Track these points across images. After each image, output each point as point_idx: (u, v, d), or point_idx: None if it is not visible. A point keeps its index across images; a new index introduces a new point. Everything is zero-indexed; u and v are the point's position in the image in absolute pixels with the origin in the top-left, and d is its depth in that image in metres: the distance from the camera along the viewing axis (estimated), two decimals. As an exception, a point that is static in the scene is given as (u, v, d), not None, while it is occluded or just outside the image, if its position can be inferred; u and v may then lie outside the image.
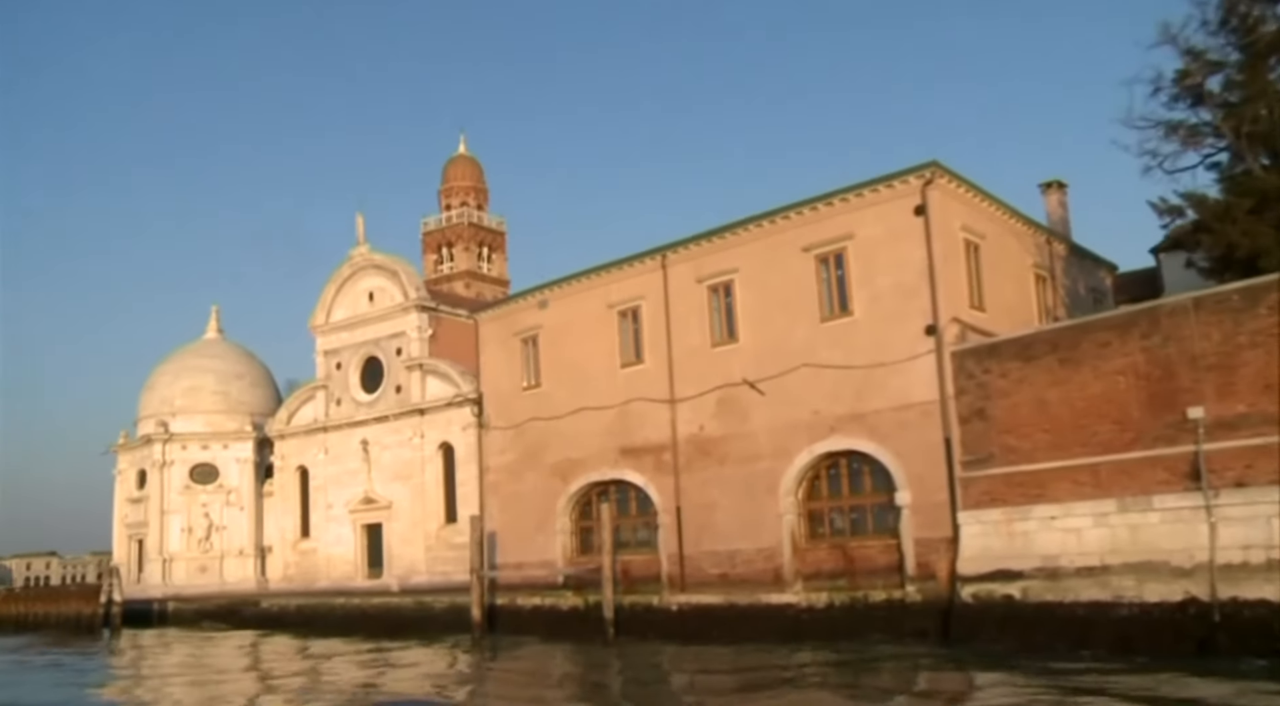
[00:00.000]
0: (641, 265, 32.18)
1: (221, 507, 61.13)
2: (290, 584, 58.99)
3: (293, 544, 60.75)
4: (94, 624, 46.68)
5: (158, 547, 59.90)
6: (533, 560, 34.13)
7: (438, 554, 54.29)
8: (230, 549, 60.86)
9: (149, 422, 62.54)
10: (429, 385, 55.92)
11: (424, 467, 55.47)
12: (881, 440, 26.30)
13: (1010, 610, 22.94)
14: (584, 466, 33.10)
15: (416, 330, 56.76)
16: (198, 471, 61.40)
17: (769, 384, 28.60)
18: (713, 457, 29.72)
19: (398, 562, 55.92)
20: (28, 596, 53.17)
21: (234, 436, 62.10)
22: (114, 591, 46.76)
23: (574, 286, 34.07)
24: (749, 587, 28.32)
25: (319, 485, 59.70)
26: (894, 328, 26.46)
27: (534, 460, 34.65)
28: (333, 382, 60.13)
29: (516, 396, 35.52)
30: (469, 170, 77.20)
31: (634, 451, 31.69)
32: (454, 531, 54.01)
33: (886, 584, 25.83)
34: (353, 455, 58.29)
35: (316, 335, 61.24)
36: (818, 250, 28.17)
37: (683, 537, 30.14)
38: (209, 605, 48.65)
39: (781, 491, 28.17)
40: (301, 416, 61.45)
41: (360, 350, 59.21)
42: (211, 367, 63.79)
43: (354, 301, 60.21)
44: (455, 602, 36.27)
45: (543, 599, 33.29)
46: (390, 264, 58.97)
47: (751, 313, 29.49)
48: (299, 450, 61.08)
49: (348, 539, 58.12)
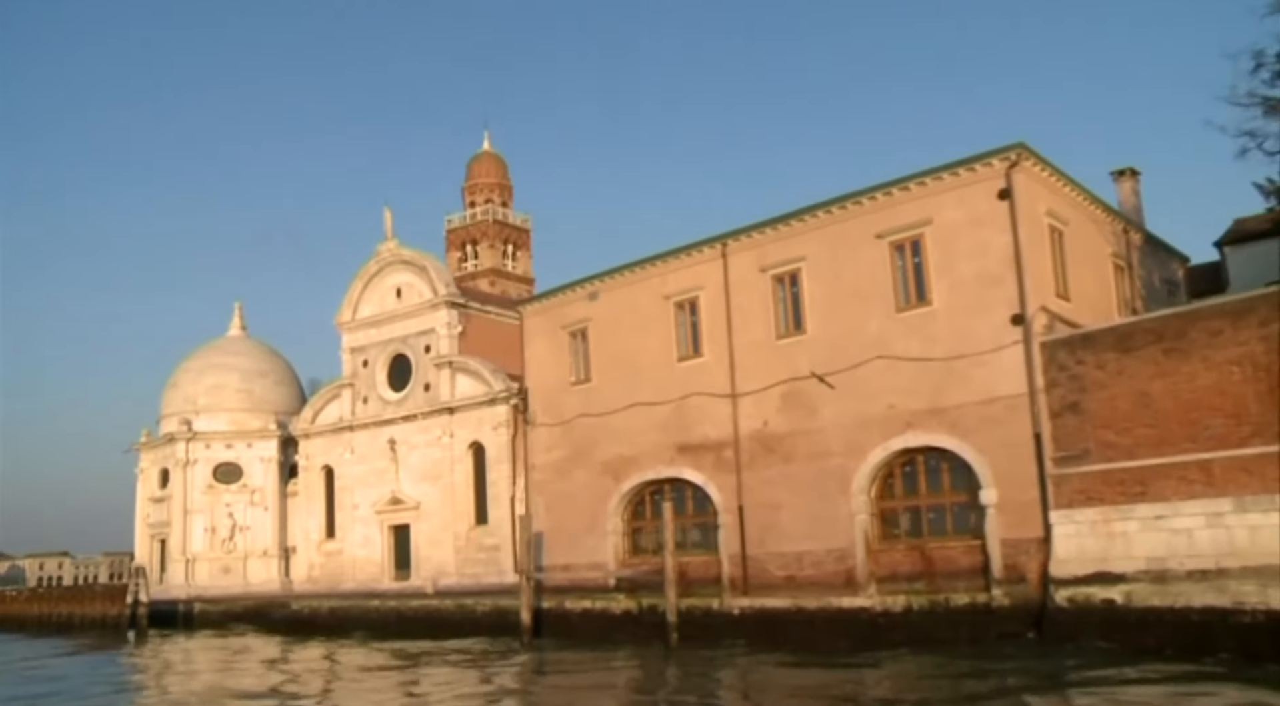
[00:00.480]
0: (700, 255, 30.77)
1: (245, 507, 59.69)
2: (315, 586, 57.56)
3: (317, 545, 59.32)
4: (119, 625, 45.27)
5: (180, 548, 58.45)
6: (582, 562, 32.70)
7: (468, 556, 52.85)
8: (254, 549, 59.38)
9: (172, 421, 61.16)
10: (459, 383, 54.49)
11: (453, 467, 54.02)
12: (963, 435, 24.86)
13: (1112, 614, 21.49)
14: (637, 464, 31.68)
15: (446, 327, 55.33)
16: (221, 470, 59.98)
17: (839, 377, 27.18)
18: (778, 455, 28.29)
19: (426, 564, 54.46)
20: (51, 596, 51.82)
21: (258, 435, 60.68)
22: (140, 592, 45.35)
23: (626, 277, 32.67)
24: (818, 591, 26.88)
25: (345, 485, 58.27)
26: (976, 317, 25.03)
27: (583, 458, 33.23)
28: (359, 380, 58.72)
29: (564, 392, 34.10)
30: (493, 167, 75.82)
31: (692, 448, 30.26)
32: (485, 533, 52.59)
33: (970, 587, 24.38)
34: (380, 454, 56.87)
35: (342, 332, 59.85)
36: (893, 237, 26.75)
37: (745, 538, 28.70)
38: (235, 607, 47.23)
39: (854, 489, 26.72)
40: (327, 415, 60.04)
41: (388, 347, 57.80)
42: (235, 365, 62.38)
43: (381, 298, 58.80)
44: (498, 605, 34.84)
45: (593, 602, 31.86)
46: (419, 259, 57.57)
47: (820, 303, 28.08)
48: (324, 449, 59.66)
49: (374, 540, 56.68)
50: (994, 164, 24.99)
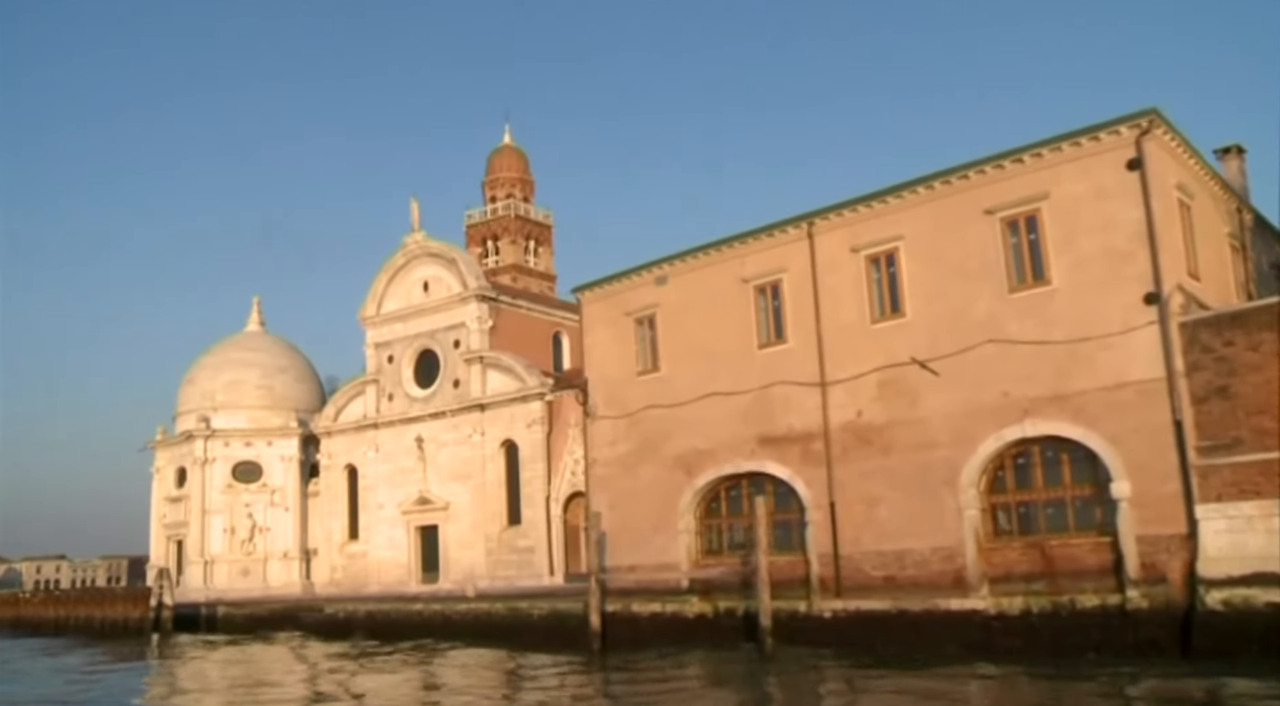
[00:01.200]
0: (783, 235, 28.63)
1: (265, 508, 57.38)
2: (338, 589, 55.21)
3: (340, 546, 56.97)
4: (142, 628, 42.80)
5: (198, 549, 56.07)
6: (649, 562, 30.45)
7: (500, 558, 50.60)
8: (274, 551, 57.05)
9: (189, 418, 58.75)
10: (490, 379, 52.28)
11: (484, 466, 51.79)
12: (1090, 424, 22.78)
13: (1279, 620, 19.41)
14: (712, 458, 29.48)
15: (476, 321, 53.14)
16: (240, 469, 57.63)
17: (944, 363, 25.08)
18: (875, 447, 26.14)
19: (455, 567, 52.21)
20: (69, 598, 49.16)
21: (278, 433, 58.34)
22: (164, 594, 42.90)
23: (699, 260, 30.51)
24: (922, 592, 24.74)
25: (369, 485, 55.97)
26: (1103, 297, 22.94)
27: (651, 452, 31.01)
28: (384, 377, 56.44)
29: (629, 382, 31.90)
30: (514, 161, 73.64)
31: (775, 441, 28.09)
32: (518, 534, 50.35)
33: (1099, 587, 22.26)
34: (406, 453, 54.59)
35: (366, 327, 57.58)
36: (1004, 212, 24.67)
37: (838, 536, 26.52)
38: (260, 610, 44.77)
39: (962, 483, 24.58)
40: (350, 412, 57.73)
41: (414, 342, 55.55)
42: (255, 361, 60.04)
43: (407, 292, 56.57)
44: (556, 609, 32.57)
45: (663, 605, 29.61)
46: (447, 251, 55.37)
47: (920, 284, 25.97)
48: (347, 448, 57.34)
49: (400, 541, 54.38)
50: (1122, 132, 22.94)
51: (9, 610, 54.23)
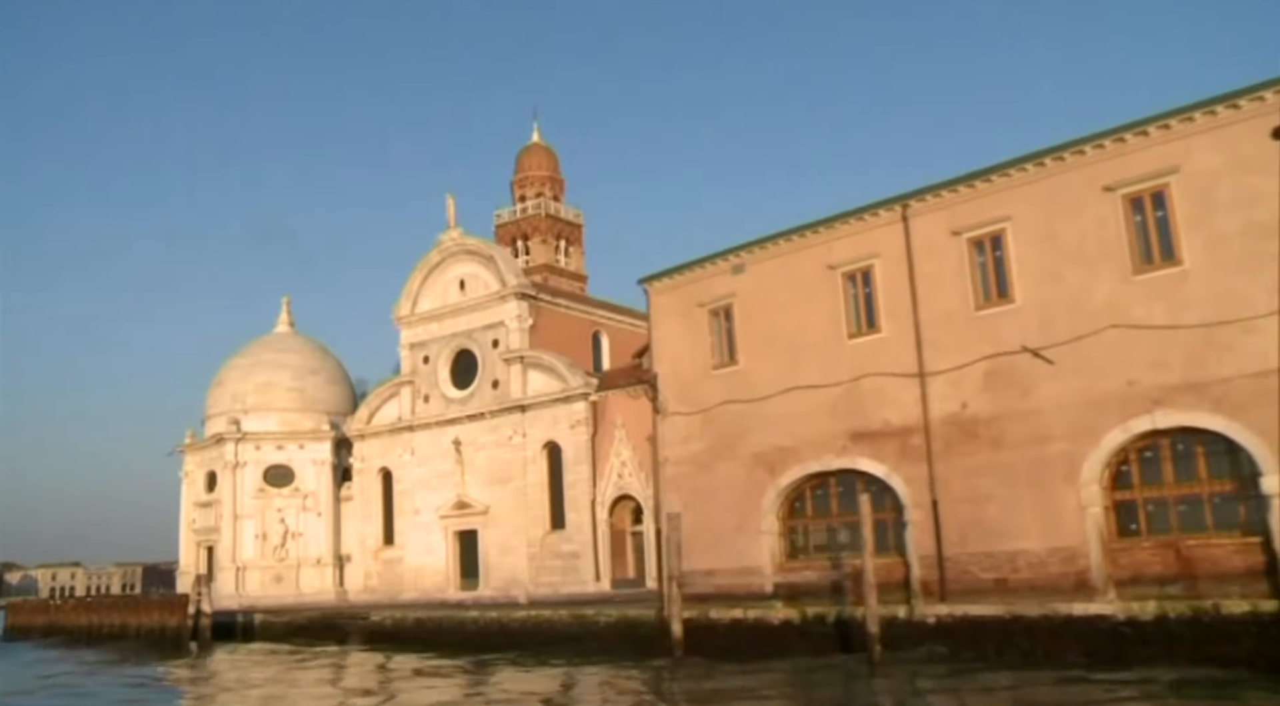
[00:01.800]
0: (873, 219, 26.77)
1: (297, 513, 55.42)
2: (372, 595, 53.28)
3: (374, 552, 55.04)
4: (180, 637, 40.86)
5: (230, 555, 54.12)
6: (728, 566, 28.55)
7: (543, 563, 48.68)
8: (307, 557, 55.10)
9: (219, 421, 56.84)
10: (531, 379, 50.40)
11: (526, 469, 49.90)
12: (1233, 414, 20.89)
13: None
14: (797, 455, 27.58)
15: (516, 320, 51.29)
16: (272, 473, 55.69)
17: (1060, 351, 23.20)
18: (982, 441, 24.26)
19: (496, 573, 50.29)
20: (102, 605, 47.14)
21: (310, 436, 56.43)
22: (202, 602, 40.97)
23: (779, 247, 28.64)
24: (1039, 596, 22.81)
25: (404, 489, 54.07)
26: (1245, 277, 21.05)
27: (729, 450, 29.10)
28: (419, 378, 54.58)
29: (704, 376, 30.01)
30: (544, 159, 71.85)
31: (869, 436, 26.19)
32: (561, 539, 48.44)
33: (1247, 592, 20.35)
34: (443, 456, 52.70)
35: (400, 327, 55.74)
36: (1126, 189, 22.81)
37: (941, 537, 24.63)
38: (299, 618, 42.78)
39: (1083, 479, 22.69)
40: (384, 415, 55.85)
41: (451, 342, 53.70)
42: (285, 362, 58.12)
43: (443, 290, 54.73)
44: (626, 616, 30.63)
45: (745, 611, 27.64)
46: (485, 249, 53.56)
47: (1031, 267, 24.11)
48: (381, 451, 55.45)
49: (438, 547, 52.45)
50: (1267, 98, 21.12)
51: (40, 617, 52.27)
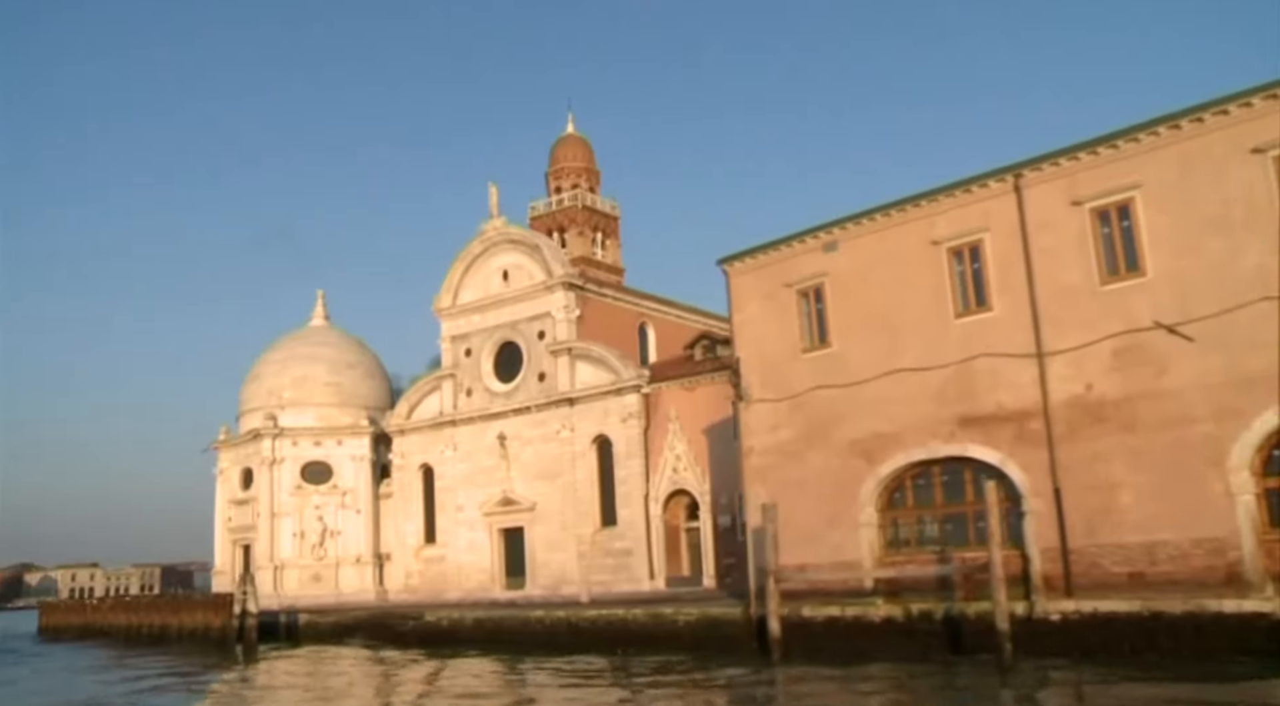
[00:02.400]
0: (982, 190, 24.92)
1: (336, 510, 53.74)
2: (414, 595, 51.55)
3: (415, 551, 53.29)
4: (224, 638, 39.18)
5: (268, 554, 52.42)
6: (823, 561, 26.70)
7: (593, 561, 46.89)
8: (346, 556, 53.40)
9: (255, 416, 55.16)
10: (579, 372, 48.66)
11: (574, 464, 48.14)
12: (1407, 391, 19.15)
13: None
14: (899, 442, 25.73)
15: (563, 310, 49.54)
16: (309, 470, 54.01)
17: (1199, 327, 21.34)
18: (1111, 424, 22.41)
19: (544, 571, 48.53)
20: (140, 604, 45.32)
21: (349, 431, 54.73)
22: (248, 601, 39.25)
23: (876, 222, 26.82)
24: (1182, 591, 20.97)
25: (446, 485, 52.33)
26: None
27: (822, 437, 27.26)
28: (461, 371, 52.85)
29: (792, 361, 28.18)
30: (579, 150, 70.04)
31: (979, 421, 24.36)
32: (613, 536, 46.65)
33: None
34: (487, 451, 50.96)
35: (441, 319, 54.02)
36: (1278, 150, 21.05)
37: (1065, 528, 22.76)
38: (345, 618, 41.02)
39: (1232, 464, 20.82)
40: (424, 409, 54.11)
41: (494, 334, 51.96)
42: (322, 356, 56.44)
43: (486, 281, 53.01)
44: (707, 615, 28.85)
45: (842, 609, 25.83)
46: (529, 238, 51.84)
47: (1164, 237, 22.25)
48: (422, 447, 53.72)
49: (482, 545, 50.69)
50: None
51: (76, 617, 50.56)
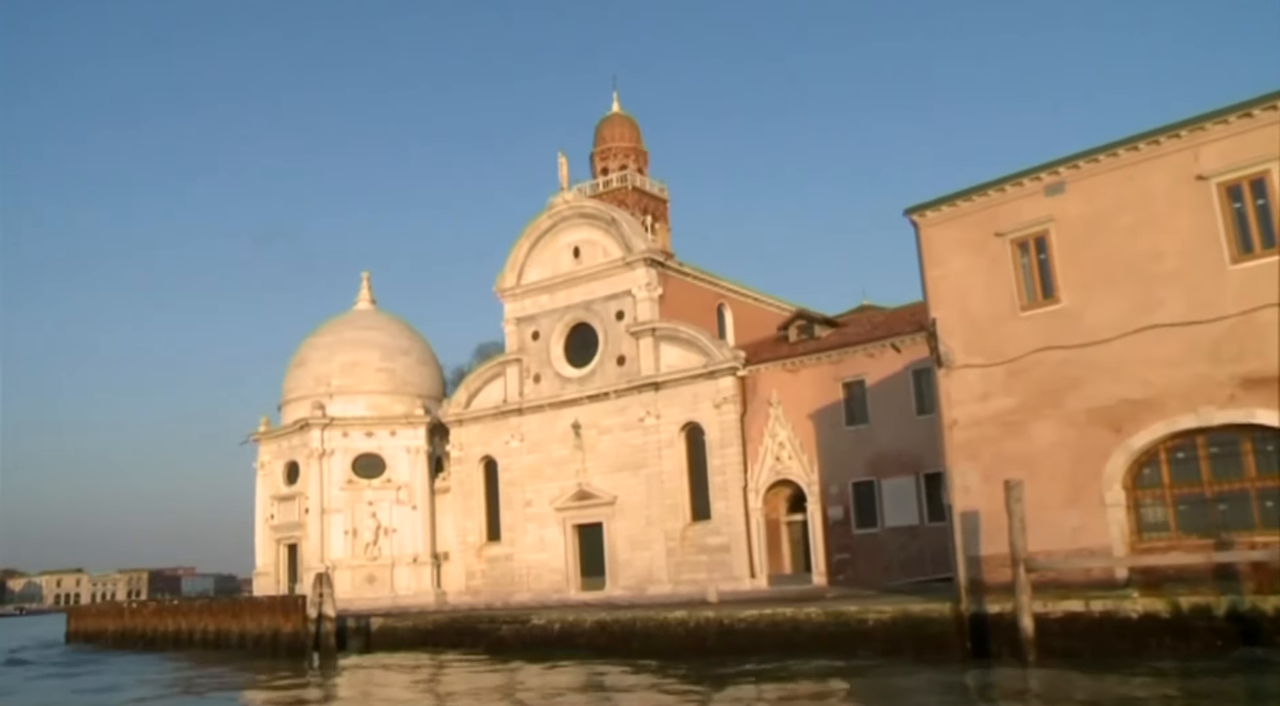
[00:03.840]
0: (1265, 114, 21.27)
1: (390, 506, 49.25)
2: (476, 598, 47.14)
3: (477, 550, 48.87)
4: (297, 646, 34.68)
5: (318, 553, 47.79)
6: (1055, 548, 22.82)
7: (684, 558, 42.75)
8: (402, 555, 48.91)
9: (300, 406, 50.54)
10: (664, 354, 44.56)
11: (660, 453, 44.00)
12: None
13: None
14: (1157, 409, 21.88)
15: (645, 289, 45.43)
16: (361, 463, 49.51)
17: None
18: None
19: (627, 570, 44.31)
20: (192, 608, 40.32)
21: (402, 421, 50.26)
22: (325, 604, 34.75)
23: (1118, 159, 22.99)
24: None
25: (512, 479, 47.96)
26: None
27: (1050, 406, 23.36)
28: (528, 355, 48.58)
29: (1006, 320, 24.29)
30: (626, 130, 66.01)
31: (1268, 381, 20.66)
32: (706, 530, 42.52)
33: None
34: (558, 441, 46.71)
35: (504, 300, 49.75)
36: None
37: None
38: (425, 622, 36.61)
39: None
40: (485, 397, 49.76)
41: (565, 315, 47.77)
42: (373, 341, 51.97)
43: (554, 258, 48.82)
44: (907, 612, 24.86)
45: (1086, 603, 21.92)
46: (605, 211, 47.72)
47: None
48: (484, 437, 49.33)
49: (554, 542, 46.40)
50: None
51: (111, 621, 45.46)
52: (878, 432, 38.99)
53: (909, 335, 38.66)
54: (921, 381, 38.23)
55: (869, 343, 39.68)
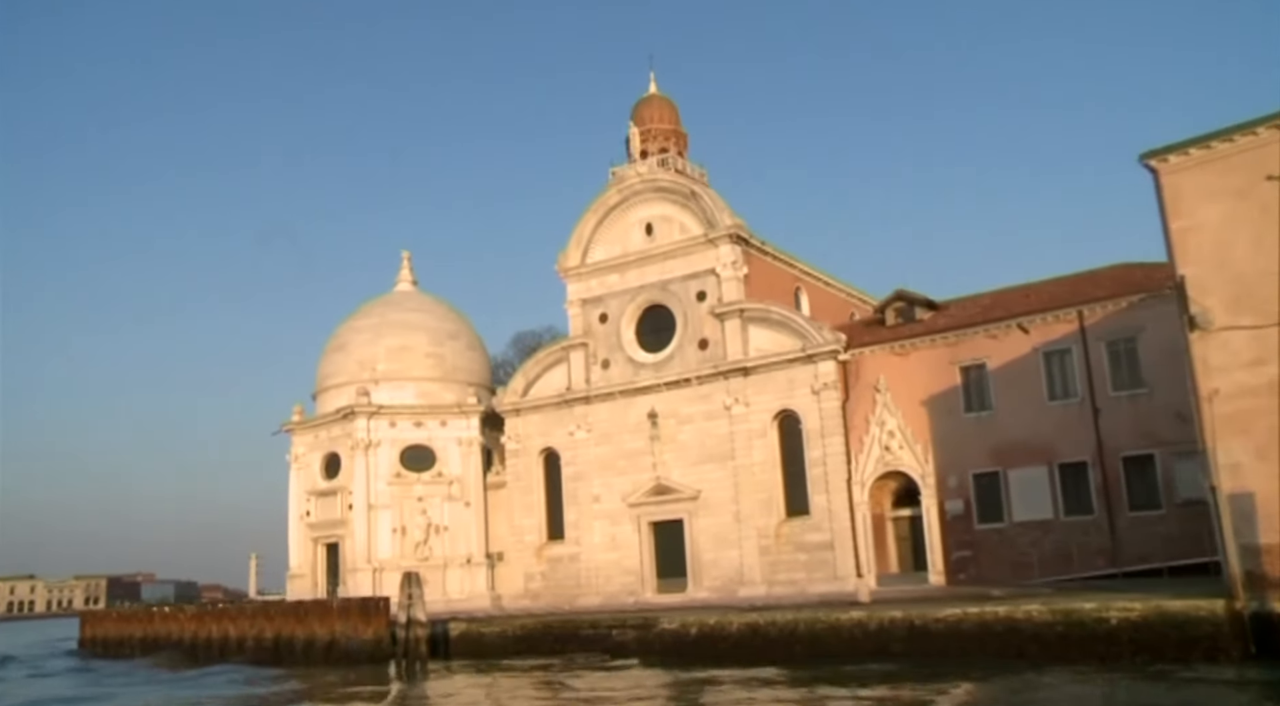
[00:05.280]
0: None
1: (442, 502, 44.86)
2: (535, 601, 42.94)
3: (536, 550, 44.59)
4: (379, 653, 30.32)
5: (365, 554, 43.25)
6: (1359, 535, 19.57)
7: (780, 557, 38.99)
8: (454, 555, 44.52)
9: (341, 393, 45.95)
10: (753, 337, 40.82)
11: (750, 444, 40.23)
12: None
13: None
14: None
15: (731, 267, 41.69)
16: (409, 455, 45.05)
17: None
18: None
19: (712, 570, 40.39)
20: (243, 612, 35.13)
21: (454, 411, 45.92)
22: (415, 608, 30.38)
23: None
24: None
25: (577, 472, 43.80)
26: None
27: (1343, 372, 20.17)
28: (595, 339, 44.51)
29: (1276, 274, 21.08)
30: (665, 111, 61.91)
31: None
32: (805, 527, 38.78)
33: None
34: (631, 431, 42.70)
35: (567, 280, 45.65)
36: None
37: None
38: (513, 627, 32.41)
39: None
40: (545, 385, 45.56)
41: (638, 296, 43.80)
42: (421, 324, 47.59)
43: (624, 235, 44.87)
44: (1163, 611, 21.37)
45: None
46: (684, 184, 43.88)
47: None
48: (544, 428, 45.11)
49: (627, 541, 42.31)
50: None
51: (138, 627, 39.97)
52: (1003, 420, 35.69)
53: (1037, 314, 35.51)
54: (1053, 364, 35.06)
55: (991, 323, 36.35)
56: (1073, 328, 34.61)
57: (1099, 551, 33.24)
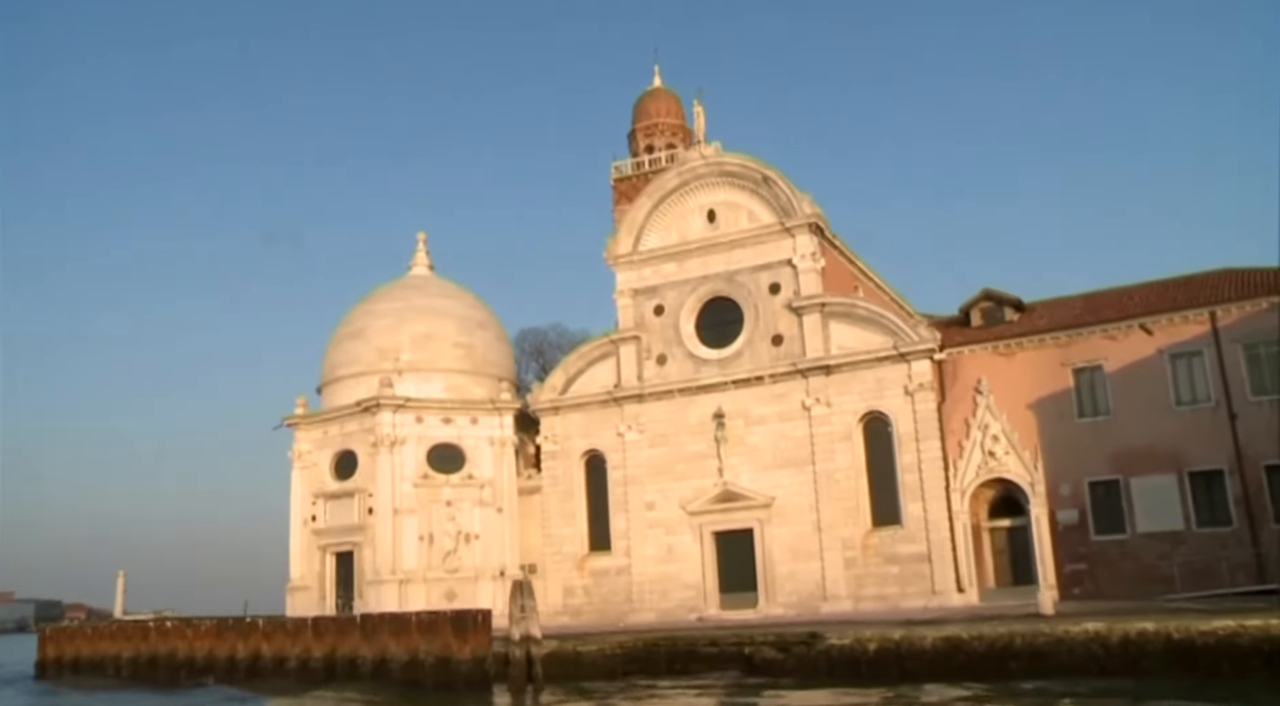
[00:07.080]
0: None
1: (472, 508, 39.70)
2: (577, 618, 38.30)
3: (578, 561, 39.83)
4: (477, 677, 25.30)
5: (389, 564, 37.70)
6: None
7: (867, 570, 35.48)
8: (486, 566, 39.37)
9: (358, 384, 40.33)
10: (834, 333, 37.44)
11: (832, 448, 36.71)
12: None
13: None
14: None
15: (810, 259, 38.27)
16: (437, 455, 39.79)
17: None
18: None
19: (787, 584, 36.56)
20: (284, 627, 28.61)
21: (486, 407, 40.91)
22: (528, 622, 25.43)
23: None
24: None
25: (628, 476, 39.35)
26: None
27: None
28: (649, 333, 40.30)
29: None
30: (669, 105, 58.88)
31: None
32: (896, 537, 35.43)
33: None
34: (692, 433, 38.60)
35: (617, 269, 41.41)
36: None
37: None
38: (610, 646, 27.78)
39: None
40: (588, 381, 41.05)
41: (699, 288, 39.87)
42: (447, 310, 42.43)
43: (683, 222, 40.95)
44: None
45: None
46: (755, 168, 40.20)
47: None
48: (587, 428, 40.51)
49: (687, 552, 38.07)
50: None
51: (125, 645, 32.01)
52: (1122, 425, 33.31)
53: (1163, 315, 33.30)
54: (1179, 367, 32.86)
55: (1109, 323, 33.97)
56: (1204, 329, 32.53)
57: (1239, 565, 30.89)
